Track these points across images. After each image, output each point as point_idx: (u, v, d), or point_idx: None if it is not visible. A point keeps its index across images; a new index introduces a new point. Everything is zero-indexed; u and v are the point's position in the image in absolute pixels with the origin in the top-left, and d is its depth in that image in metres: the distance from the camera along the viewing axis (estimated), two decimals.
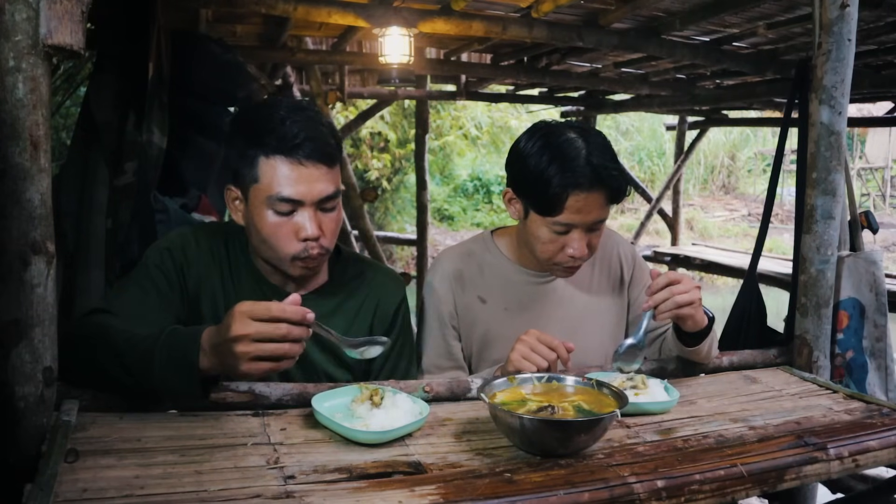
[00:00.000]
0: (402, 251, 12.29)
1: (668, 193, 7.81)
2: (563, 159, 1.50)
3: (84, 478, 1.00)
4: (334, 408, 1.27)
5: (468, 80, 6.22)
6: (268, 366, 1.13)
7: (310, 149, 1.33)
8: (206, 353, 1.15)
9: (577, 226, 1.53)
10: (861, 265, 2.04)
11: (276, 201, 1.34)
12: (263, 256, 1.43)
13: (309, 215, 1.36)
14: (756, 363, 1.79)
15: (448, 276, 1.69)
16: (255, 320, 1.10)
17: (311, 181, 1.34)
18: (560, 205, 1.50)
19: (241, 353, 1.10)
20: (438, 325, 1.68)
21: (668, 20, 3.60)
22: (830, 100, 1.71)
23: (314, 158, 1.34)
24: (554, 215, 1.52)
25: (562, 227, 1.54)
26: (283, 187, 1.33)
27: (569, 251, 1.56)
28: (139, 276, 1.41)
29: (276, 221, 1.35)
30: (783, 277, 4.68)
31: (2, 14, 1.02)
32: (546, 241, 1.57)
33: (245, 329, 1.10)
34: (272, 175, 1.33)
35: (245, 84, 3.04)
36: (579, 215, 1.52)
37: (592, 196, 1.50)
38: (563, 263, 1.59)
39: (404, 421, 1.22)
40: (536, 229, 1.58)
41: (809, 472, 1.20)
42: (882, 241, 13.12)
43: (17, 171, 1.06)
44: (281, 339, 1.12)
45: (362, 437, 1.17)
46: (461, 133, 14.14)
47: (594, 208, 1.52)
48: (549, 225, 1.54)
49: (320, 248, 1.38)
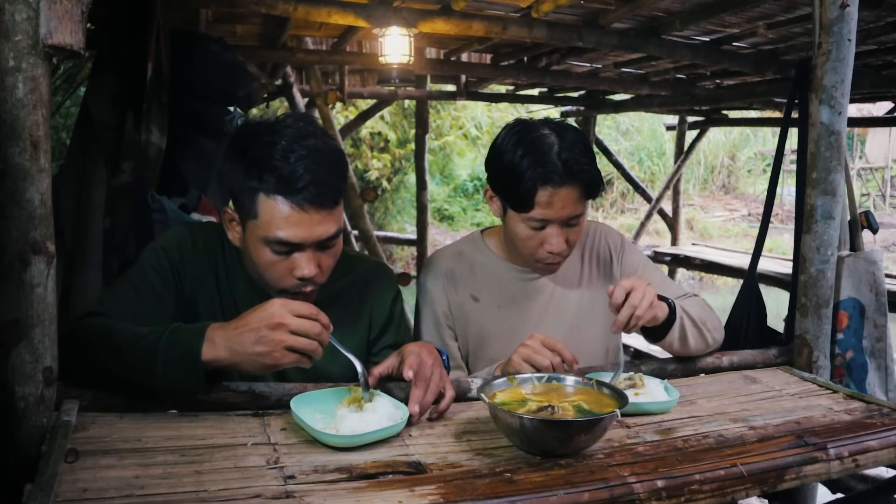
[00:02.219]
0: (402, 251, 12.29)
1: (668, 193, 7.80)
2: (535, 154, 1.51)
3: (84, 478, 1.00)
4: (320, 409, 1.27)
5: (468, 80, 6.22)
6: (296, 358, 1.18)
7: (313, 194, 1.27)
8: (213, 345, 1.17)
9: (551, 221, 1.54)
10: (861, 265, 2.04)
11: (274, 243, 1.30)
12: (255, 278, 1.42)
13: (307, 256, 1.32)
14: (756, 363, 1.79)
15: (440, 277, 1.70)
16: (294, 315, 1.16)
17: (312, 225, 1.29)
18: (531, 200, 1.51)
19: (276, 340, 1.15)
20: (434, 325, 1.68)
21: (668, 20, 3.60)
22: (830, 100, 1.71)
23: (317, 204, 1.28)
24: (528, 211, 1.53)
25: (537, 222, 1.54)
26: (282, 230, 1.28)
27: (546, 247, 1.56)
28: (134, 277, 1.41)
29: (272, 259, 1.32)
30: (783, 277, 4.67)
31: (2, 14, 1.02)
32: (524, 238, 1.58)
33: (286, 319, 1.16)
34: (271, 216, 1.28)
35: (245, 84, 3.04)
36: (552, 210, 1.52)
37: (564, 191, 1.50)
38: (543, 260, 1.60)
39: (377, 426, 1.20)
40: (515, 226, 1.59)
41: (809, 472, 1.20)
42: (882, 241, 13.12)
43: (17, 171, 1.06)
44: (315, 336, 1.17)
45: (331, 440, 1.16)
46: (461, 133, 14.14)
47: (567, 203, 1.52)
48: (525, 221, 1.55)
49: (314, 286, 1.37)
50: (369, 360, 1.53)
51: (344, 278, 1.53)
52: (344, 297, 1.53)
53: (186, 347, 1.17)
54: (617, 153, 9.72)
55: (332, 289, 1.50)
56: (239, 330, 1.17)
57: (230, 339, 1.17)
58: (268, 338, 1.15)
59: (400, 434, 1.23)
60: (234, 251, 1.46)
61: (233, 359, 1.18)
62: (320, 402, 1.29)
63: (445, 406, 1.33)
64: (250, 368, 1.19)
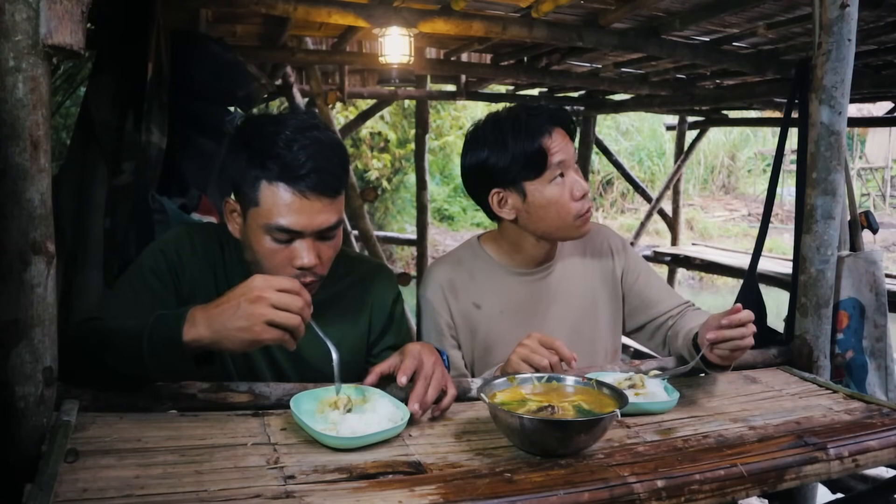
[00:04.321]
0: (402, 251, 12.29)
1: (668, 193, 7.80)
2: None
3: (84, 478, 1.00)
4: (319, 409, 1.26)
5: (468, 80, 6.21)
6: (278, 334, 1.15)
7: (315, 181, 1.29)
8: (194, 324, 1.16)
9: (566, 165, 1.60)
10: (861, 265, 2.03)
11: (275, 230, 1.31)
12: (252, 269, 1.41)
13: (307, 245, 1.32)
14: (756, 363, 1.79)
15: (440, 287, 1.69)
16: (276, 289, 1.14)
17: (313, 213, 1.30)
18: (544, 159, 1.57)
19: (257, 313, 1.13)
20: (436, 335, 1.68)
21: (668, 20, 3.60)
22: (830, 100, 1.71)
23: (318, 191, 1.29)
24: (542, 172, 1.58)
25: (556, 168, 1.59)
26: (283, 217, 1.29)
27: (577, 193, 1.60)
28: (133, 279, 1.41)
29: (272, 248, 1.33)
30: (783, 277, 4.67)
31: (2, 14, 1.02)
32: (567, 200, 1.60)
33: (266, 293, 1.14)
34: (273, 202, 1.29)
35: (245, 84, 3.05)
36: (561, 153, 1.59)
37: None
38: (580, 213, 1.61)
39: (377, 427, 1.19)
40: (545, 192, 1.60)
41: (809, 472, 1.20)
42: (882, 241, 13.12)
43: (17, 171, 1.06)
44: (298, 311, 1.15)
45: (331, 441, 1.16)
46: (461, 133, 14.12)
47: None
48: (546, 182, 1.59)
49: (314, 277, 1.36)
50: (369, 361, 1.52)
51: (344, 279, 1.53)
52: (344, 299, 1.53)
53: (168, 329, 1.17)
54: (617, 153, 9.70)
55: (333, 290, 1.50)
56: (220, 307, 1.16)
57: (210, 318, 1.16)
58: (248, 311, 1.13)
59: (400, 434, 1.23)
60: (233, 251, 1.46)
61: (213, 336, 1.15)
62: (321, 402, 1.28)
63: (447, 404, 1.33)
64: (232, 346, 1.16)
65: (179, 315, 1.18)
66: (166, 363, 1.17)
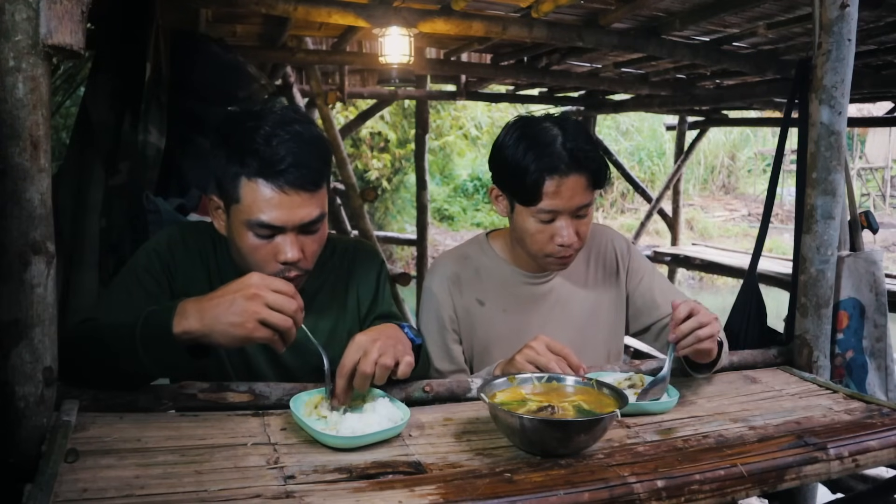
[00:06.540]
0: (402, 251, 12.29)
1: (668, 193, 7.81)
2: (539, 146, 1.51)
3: (84, 478, 1.00)
4: (307, 411, 1.25)
5: (468, 80, 6.22)
6: (269, 334, 1.15)
7: (294, 175, 1.28)
8: (184, 316, 1.15)
9: (560, 212, 1.54)
10: (861, 265, 2.03)
11: (256, 226, 1.30)
12: (241, 267, 1.41)
13: (290, 239, 1.32)
14: (756, 363, 1.79)
15: (445, 280, 1.69)
16: (271, 290, 1.15)
17: (294, 207, 1.30)
18: (538, 191, 1.51)
19: (251, 311, 1.13)
20: (438, 328, 1.68)
21: (668, 20, 3.60)
22: (830, 100, 1.70)
23: (298, 186, 1.29)
24: (536, 203, 1.53)
25: (546, 214, 1.54)
26: (264, 213, 1.29)
27: (557, 240, 1.55)
28: (126, 279, 1.41)
29: (255, 243, 1.33)
30: (783, 277, 4.68)
31: (2, 14, 1.02)
32: (534, 233, 1.57)
33: (262, 291, 1.14)
34: (253, 198, 1.29)
35: (245, 84, 3.05)
36: (560, 200, 1.52)
37: (571, 180, 1.51)
38: (554, 254, 1.59)
39: (377, 427, 1.19)
40: (524, 222, 1.58)
41: (809, 472, 1.20)
42: (882, 241, 13.12)
43: (17, 171, 1.05)
44: (291, 314, 1.15)
45: (331, 441, 1.16)
46: (461, 133, 14.14)
47: (575, 193, 1.52)
48: (534, 215, 1.55)
49: (299, 271, 1.36)
50: None
51: (328, 266, 1.54)
52: (331, 285, 1.54)
53: (159, 322, 1.16)
54: (617, 153, 9.72)
55: (321, 279, 1.51)
56: (214, 300, 1.16)
57: (203, 310, 1.15)
58: (242, 307, 1.13)
59: (400, 434, 1.23)
60: (225, 249, 1.47)
61: (204, 329, 1.15)
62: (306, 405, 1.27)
63: (403, 372, 1.25)
64: (221, 340, 1.16)
65: (170, 308, 1.18)
66: (160, 357, 1.17)
